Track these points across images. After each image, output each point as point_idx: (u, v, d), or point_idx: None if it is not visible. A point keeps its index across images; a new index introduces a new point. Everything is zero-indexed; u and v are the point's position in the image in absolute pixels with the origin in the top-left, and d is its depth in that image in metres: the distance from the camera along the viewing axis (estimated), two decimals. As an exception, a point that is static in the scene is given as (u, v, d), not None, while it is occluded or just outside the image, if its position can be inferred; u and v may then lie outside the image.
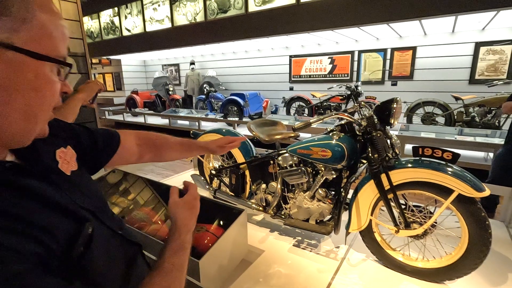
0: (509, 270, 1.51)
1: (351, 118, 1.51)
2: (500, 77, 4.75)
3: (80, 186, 0.59)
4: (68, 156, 0.61)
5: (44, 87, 0.45)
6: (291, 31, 4.77)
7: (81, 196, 0.56)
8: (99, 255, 0.51)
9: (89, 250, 0.48)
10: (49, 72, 0.45)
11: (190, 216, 0.72)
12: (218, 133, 2.17)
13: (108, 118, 9.28)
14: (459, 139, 3.95)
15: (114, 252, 0.58)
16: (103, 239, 0.54)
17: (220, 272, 1.42)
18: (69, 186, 0.55)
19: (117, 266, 0.58)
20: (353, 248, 1.73)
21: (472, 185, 1.23)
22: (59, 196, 0.50)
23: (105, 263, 0.53)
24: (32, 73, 0.43)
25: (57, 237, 0.43)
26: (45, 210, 0.45)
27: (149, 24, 6.82)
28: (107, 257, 0.54)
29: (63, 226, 0.46)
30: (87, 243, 0.48)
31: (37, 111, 0.45)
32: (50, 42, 0.44)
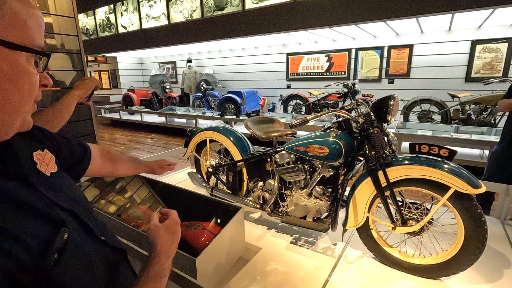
0: (504, 267, 1.53)
1: (348, 115, 1.50)
2: (495, 75, 4.77)
3: (61, 187, 0.58)
4: (46, 158, 0.59)
5: (21, 78, 0.43)
6: (288, 29, 4.75)
7: (62, 196, 0.55)
8: (76, 262, 0.48)
9: (64, 257, 0.45)
10: (25, 63, 0.43)
11: (171, 241, 0.69)
12: (214, 130, 2.16)
13: (104, 116, 9.22)
14: (455, 136, 3.97)
15: (93, 258, 0.55)
16: (81, 245, 0.52)
17: (217, 270, 1.42)
18: (48, 186, 0.53)
19: (97, 273, 0.55)
20: (350, 245, 1.73)
21: (469, 181, 1.23)
22: (36, 198, 0.48)
23: (82, 270, 0.50)
24: (7, 64, 0.41)
25: (30, 246, 0.41)
26: (19, 215, 0.43)
27: (145, 21, 6.77)
28: (84, 264, 0.51)
29: (38, 231, 0.44)
30: (61, 249, 0.45)
31: (16, 104, 0.43)
32: (25, 31, 0.42)
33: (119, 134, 7.58)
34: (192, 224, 1.54)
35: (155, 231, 0.68)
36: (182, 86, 8.43)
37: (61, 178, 0.60)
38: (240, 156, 2.02)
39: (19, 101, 0.44)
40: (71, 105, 1.21)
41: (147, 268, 0.60)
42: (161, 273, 0.61)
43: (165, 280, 0.61)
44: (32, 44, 0.44)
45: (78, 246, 0.50)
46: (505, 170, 2.40)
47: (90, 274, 0.52)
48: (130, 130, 7.98)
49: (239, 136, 2.11)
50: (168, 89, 8.18)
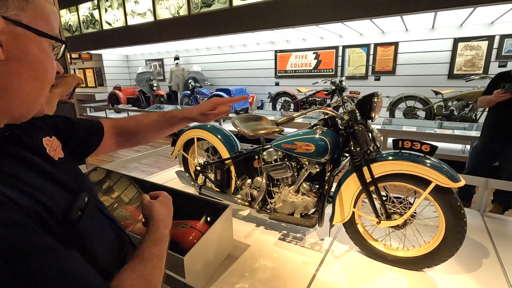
0: (483, 256, 1.59)
1: (334, 112, 1.52)
2: (476, 72, 4.92)
3: (68, 172, 0.61)
4: (54, 144, 0.63)
5: (46, 61, 0.51)
6: (275, 26, 4.75)
7: (72, 178, 0.59)
8: (95, 224, 0.54)
9: (86, 215, 0.50)
10: (48, 49, 0.51)
11: (167, 213, 0.72)
12: (202, 128, 2.15)
13: (90, 114, 9.01)
14: (439, 132, 4.09)
15: (107, 230, 0.60)
16: (96, 213, 0.57)
17: (205, 268, 1.42)
18: (56, 167, 0.58)
19: (111, 241, 0.60)
20: (337, 240, 1.76)
21: (449, 176, 1.28)
22: (52, 169, 0.53)
23: (100, 232, 0.55)
24: (37, 47, 0.49)
25: (56, 200, 0.46)
26: (45, 180, 0.49)
27: (130, 17, 6.63)
28: (101, 228, 0.57)
29: (59, 194, 0.49)
30: (83, 208, 0.50)
31: (42, 82, 0.51)
32: (48, 22, 0.51)
33: (105, 133, 7.41)
34: (180, 223, 1.53)
35: (149, 205, 0.71)
36: (170, 84, 8.32)
37: (67, 164, 0.64)
38: (228, 154, 2.02)
39: (45, 81, 0.51)
40: (52, 102, 1.18)
41: (149, 234, 0.64)
42: (163, 238, 0.64)
43: (166, 245, 0.65)
44: (53, 33, 0.51)
45: (95, 212, 0.57)
46: (485, 164, 2.49)
47: (105, 239, 0.57)
48: (116, 129, 7.82)
49: (227, 134, 2.10)
50: (155, 87, 8.06)
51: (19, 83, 0.47)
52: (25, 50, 0.47)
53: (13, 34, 0.45)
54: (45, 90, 0.52)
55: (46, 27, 0.50)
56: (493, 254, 1.61)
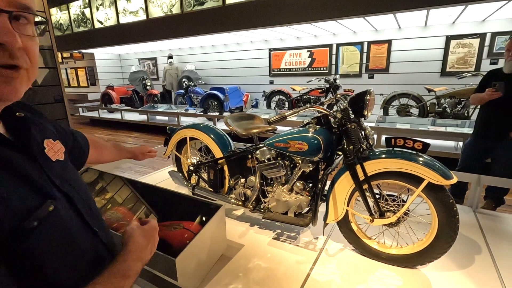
0: (476, 253, 1.60)
1: (326, 111, 1.52)
2: (469, 69, 4.97)
3: (62, 173, 0.59)
4: (56, 147, 0.61)
5: None
6: (269, 24, 4.73)
7: (61, 181, 0.56)
8: (55, 236, 0.49)
9: (43, 226, 0.46)
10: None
11: (145, 245, 0.65)
12: (195, 128, 2.13)
13: (82, 114, 8.90)
14: (432, 129, 4.12)
15: (79, 241, 0.55)
16: (66, 223, 0.52)
17: (198, 269, 1.40)
18: (50, 167, 0.55)
19: (78, 256, 0.55)
20: (331, 238, 1.76)
21: (441, 173, 1.28)
22: (34, 171, 0.50)
23: (60, 246, 0.50)
24: None
25: (13, 207, 0.43)
26: (14, 180, 0.45)
27: (122, 16, 6.55)
28: (65, 241, 0.51)
29: (27, 197, 0.46)
30: (42, 218, 0.46)
31: None
32: None
33: (98, 133, 7.34)
34: (172, 224, 1.51)
35: (130, 232, 0.66)
36: (164, 83, 8.25)
37: (65, 167, 0.62)
38: (221, 154, 2.00)
39: None
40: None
41: (113, 264, 0.57)
42: (126, 273, 0.57)
43: (129, 281, 0.57)
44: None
45: (62, 222, 0.51)
46: (477, 161, 2.51)
47: (69, 253, 0.52)
48: (110, 129, 7.75)
49: (220, 133, 2.08)
50: (149, 86, 7.98)
51: None
52: None
53: None
54: None
55: None
56: (485, 250, 1.62)
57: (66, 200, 0.56)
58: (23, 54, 0.44)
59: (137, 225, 0.69)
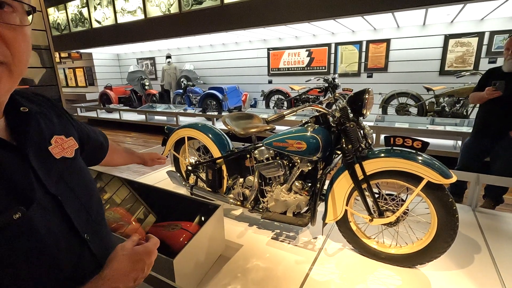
0: (475, 252, 1.59)
1: (325, 110, 1.51)
2: (467, 68, 4.97)
3: (63, 173, 0.55)
4: (66, 144, 0.58)
5: None
6: (267, 23, 4.72)
7: (56, 182, 0.52)
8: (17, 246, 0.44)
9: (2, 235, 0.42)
10: None
11: (128, 270, 0.55)
12: (193, 128, 2.11)
13: (81, 115, 8.87)
14: (431, 128, 4.11)
15: (53, 251, 0.49)
16: (39, 233, 0.46)
17: (196, 270, 1.39)
18: (47, 167, 0.51)
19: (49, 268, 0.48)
20: (330, 238, 1.75)
21: (440, 172, 1.27)
22: (17, 170, 0.45)
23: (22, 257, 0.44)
24: None
25: None
26: None
27: (120, 15, 6.52)
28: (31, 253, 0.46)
29: None
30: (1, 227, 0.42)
31: None
32: None
33: (96, 133, 7.31)
34: (170, 224, 1.50)
35: (115, 252, 0.57)
36: (162, 83, 8.22)
37: (70, 166, 0.57)
38: (219, 153, 1.99)
39: None
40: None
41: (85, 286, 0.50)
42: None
43: None
44: None
45: (30, 230, 0.45)
46: (476, 160, 2.51)
47: (34, 262, 0.46)
48: (108, 129, 7.72)
49: (218, 132, 2.07)
50: (147, 86, 7.96)
51: None
52: None
53: None
54: None
55: None
56: (485, 249, 1.62)
57: (54, 203, 0.51)
58: (1, 46, 0.40)
59: (130, 244, 0.59)
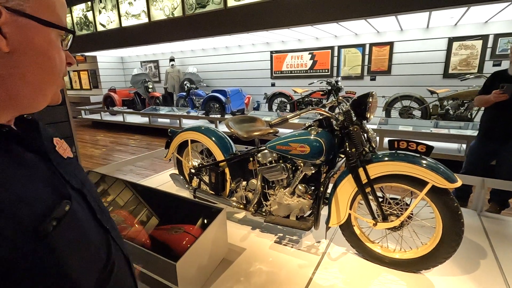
0: (481, 257, 1.57)
1: (328, 113, 1.50)
2: (471, 71, 4.94)
3: (74, 170, 0.60)
4: (64, 145, 0.63)
5: (53, 52, 0.49)
6: (270, 27, 4.74)
7: (74, 178, 0.57)
8: (72, 235, 0.48)
9: (61, 226, 0.46)
10: (56, 40, 0.49)
11: None
12: (196, 131, 2.12)
13: (85, 117, 8.94)
14: (435, 131, 4.09)
15: (93, 240, 0.53)
16: (82, 222, 0.52)
17: (199, 274, 1.39)
18: (63, 166, 0.56)
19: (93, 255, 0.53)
20: (333, 242, 1.74)
21: (445, 176, 1.26)
22: (50, 171, 0.51)
23: (77, 245, 0.49)
24: (43, 39, 0.47)
25: (35, 210, 0.43)
26: (32, 182, 0.46)
27: (125, 19, 6.58)
28: (81, 241, 0.50)
29: (45, 198, 0.46)
30: (60, 218, 0.46)
31: (48, 75, 0.49)
32: (54, 12, 0.49)
33: (100, 135, 7.36)
34: (173, 227, 1.50)
35: None
36: (165, 86, 8.27)
37: (75, 164, 0.63)
38: (222, 156, 1.99)
39: (51, 72, 0.50)
40: None
41: None
42: None
43: None
44: (60, 23, 0.50)
45: (78, 221, 0.50)
46: (482, 164, 2.49)
47: (85, 252, 0.51)
48: (112, 131, 7.77)
49: (221, 135, 2.07)
50: (151, 88, 8.01)
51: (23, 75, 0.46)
52: (31, 41, 0.46)
53: (17, 25, 0.44)
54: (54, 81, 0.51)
55: (51, 16, 0.48)
56: (491, 254, 1.60)
57: (81, 197, 0.56)
58: None
59: None
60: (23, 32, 0.45)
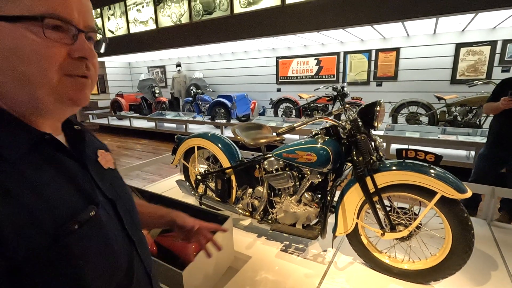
0: (491, 269, 1.54)
1: (335, 122, 1.50)
2: (479, 77, 4.89)
3: (111, 181, 0.61)
4: (108, 157, 0.64)
5: (26, 51, 0.43)
6: (277, 33, 4.77)
7: (109, 187, 0.58)
8: (93, 241, 0.49)
9: (82, 230, 0.47)
10: (32, 34, 0.43)
11: None
12: (202, 137, 2.13)
13: (92, 121, 9.05)
14: (442, 138, 4.04)
15: (115, 249, 0.53)
16: (106, 230, 0.52)
17: (205, 282, 1.38)
18: (100, 175, 0.57)
19: (112, 264, 0.52)
20: (340, 251, 1.72)
21: (455, 186, 1.24)
22: (84, 178, 0.52)
23: (96, 251, 0.49)
24: (10, 37, 0.42)
25: (60, 211, 0.45)
26: (63, 185, 0.48)
27: (133, 25, 6.69)
28: (101, 248, 0.50)
29: (72, 202, 0.48)
30: (82, 222, 0.47)
31: (28, 74, 0.44)
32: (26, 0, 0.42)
33: (107, 140, 7.44)
34: (179, 234, 1.50)
35: None
36: (172, 91, 8.35)
37: (114, 175, 0.64)
38: (228, 163, 1.99)
39: (30, 72, 0.44)
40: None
41: None
42: None
43: None
44: (36, 10, 0.43)
45: (101, 228, 0.51)
46: (491, 172, 2.44)
47: (104, 258, 0.51)
48: (119, 135, 7.85)
49: (228, 142, 2.08)
50: (157, 93, 8.09)
51: (3, 82, 0.44)
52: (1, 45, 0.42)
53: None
54: (39, 80, 0.45)
55: (23, 7, 0.42)
56: (502, 265, 1.56)
57: (111, 206, 0.57)
58: (91, 66, 0.52)
59: None
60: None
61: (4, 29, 0.42)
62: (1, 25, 0.42)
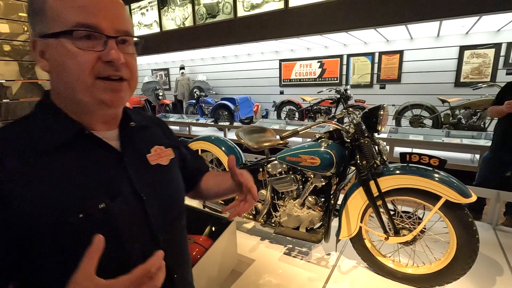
0: (497, 273, 1.53)
1: (339, 126, 1.50)
2: (484, 80, 4.86)
3: (154, 177, 0.62)
4: (164, 153, 0.66)
5: (66, 60, 0.50)
6: (280, 36, 4.78)
7: (145, 185, 0.59)
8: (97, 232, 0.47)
9: (87, 220, 0.50)
10: (69, 45, 0.50)
11: None
12: (206, 140, 2.14)
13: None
14: (446, 141, 4.01)
15: (126, 246, 0.54)
16: (118, 224, 0.54)
17: (209, 285, 1.39)
18: (140, 171, 0.60)
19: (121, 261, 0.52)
20: (344, 255, 1.72)
21: (459, 191, 1.24)
22: (114, 169, 0.56)
23: None
24: (56, 50, 0.50)
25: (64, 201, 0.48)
26: (87, 172, 0.52)
27: (137, 29, 6.75)
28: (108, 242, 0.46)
29: (85, 192, 0.51)
30: (89, 214, 0.50)
31: (70, 82, 0.51)
32: (60, 17, 0.49)
33: (111, 142, 7.48)
34: (183, 237, 1.51)
35: None
36: (175, 93, 8.39)
37: (162, 172, 0.65)
38: (232, 166, 1.99)
39: (72, 78, 0.51)
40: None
41: None
42: None
43: None
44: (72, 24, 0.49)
45: (111, 222, 0.53)
46: (496, 175, 2.42)
47: (113, 256, 0.51)
48: (122, 138, 7.89)
49: (231, 145, 2.09)
50: (161, 96, 8.14)
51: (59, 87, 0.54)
52: (52, 58, 0.51)
53: (47, 46, 0.50)
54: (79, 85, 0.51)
55: (60, 24, 0.49)
56: (507, 270, 1.55)
57: (138, 201, 0.57)
58: (125, 68, 0.55)
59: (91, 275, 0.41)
60: (50, 51, 0.51)
61: (52, 45, 0.50)
62: (50, 41, 0.50)
